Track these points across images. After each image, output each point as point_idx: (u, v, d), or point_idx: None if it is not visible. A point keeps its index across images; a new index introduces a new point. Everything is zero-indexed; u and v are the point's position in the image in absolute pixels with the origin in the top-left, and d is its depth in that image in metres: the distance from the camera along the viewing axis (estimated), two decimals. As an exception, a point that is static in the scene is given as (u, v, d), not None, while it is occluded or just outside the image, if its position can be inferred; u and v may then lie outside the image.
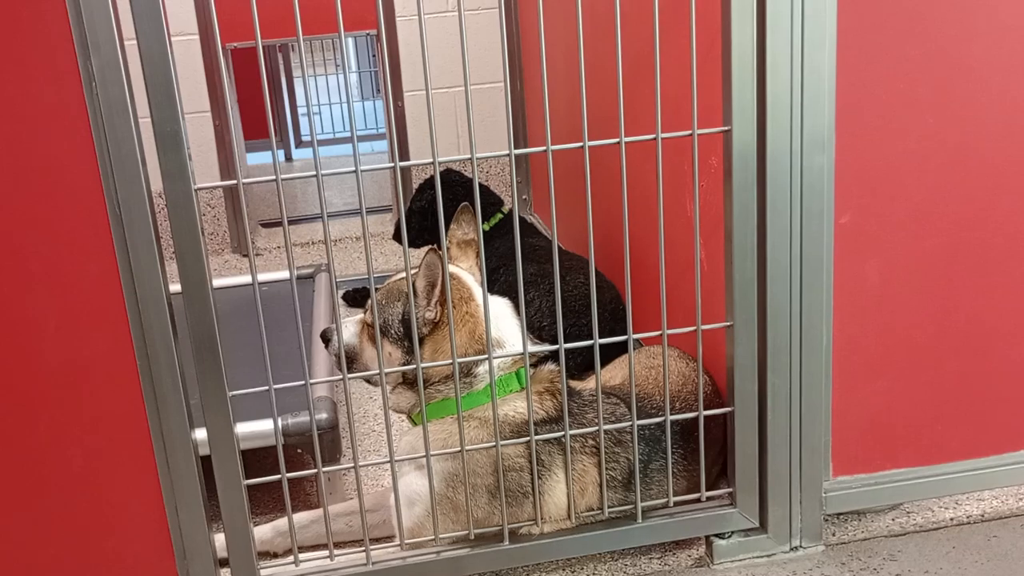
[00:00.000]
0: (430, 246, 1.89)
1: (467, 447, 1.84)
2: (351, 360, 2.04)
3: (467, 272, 2.04)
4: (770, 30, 1.69)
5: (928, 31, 1.80)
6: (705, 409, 1.91)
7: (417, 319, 1.89)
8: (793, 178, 1.78)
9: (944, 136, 1.85)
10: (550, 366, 1.99)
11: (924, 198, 1.88)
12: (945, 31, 1.80)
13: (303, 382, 1.75)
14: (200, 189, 1.61)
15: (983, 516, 2.09)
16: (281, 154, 6.63)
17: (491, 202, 3.36)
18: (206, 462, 1.77)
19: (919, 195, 1.88)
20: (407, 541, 1.91)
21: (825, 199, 1.81)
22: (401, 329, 1.94)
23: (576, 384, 2.09)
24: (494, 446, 1.85)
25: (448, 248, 2.08)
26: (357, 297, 3.53)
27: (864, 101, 1.80)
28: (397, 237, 3.65)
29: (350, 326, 2.06)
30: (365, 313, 2.05)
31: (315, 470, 1.83)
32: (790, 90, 1.73)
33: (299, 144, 6.79)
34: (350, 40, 7.07)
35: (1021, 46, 1.83)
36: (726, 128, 1.75)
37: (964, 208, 1.90)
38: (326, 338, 2.11)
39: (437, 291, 1.88)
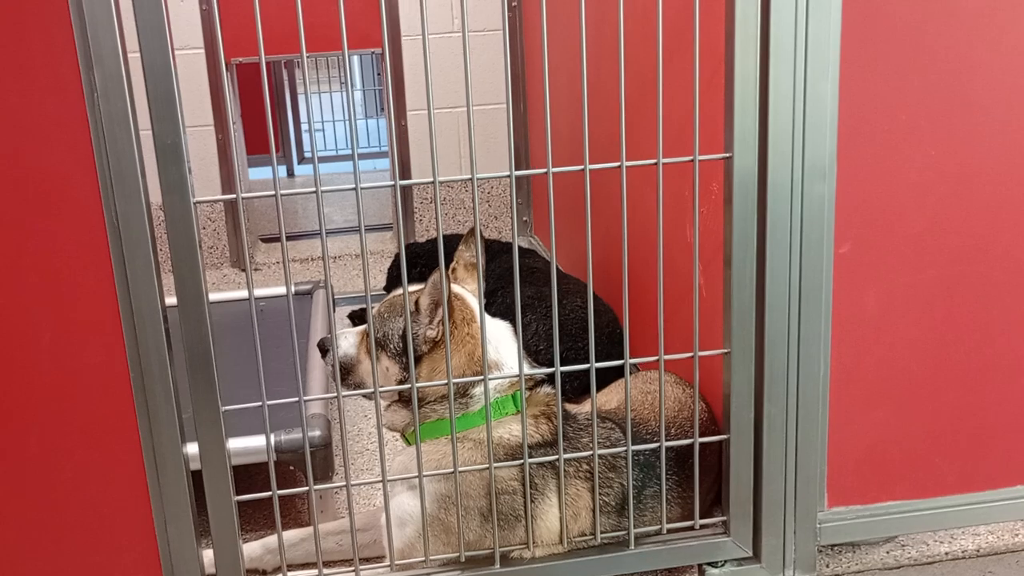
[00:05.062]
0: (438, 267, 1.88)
1: (460, 468, 1.83)
2: (347, 371, 2.03)
3: (472, 294, 2.03)
4: (773, 59, 1.70)
5: (930, 62, 1.80)
6: (701, 436, 1.90)
7: (418, 336, 1.88)
8: (793, 206, 1.78)
9: (945, 167, 1.85)
10: (546, 389, 1.98)
11: (924, 229, 1.88)
12: (947, 63, 1.81)
13: (297, 398, 1.74)
14: (199, 203, 1.61)
15: (978, 551, 2.08)
16: (284, 169, 6.64)
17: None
18: (197, 477, 1.76)
19: (919, 226, 1.88)
20: (397, 562, 1.90)
21: (825, 228, 1.81)
22: (400, 344, 1.93)
23: (572, 408, 2.08)
24: (487, 468, 1.84)
25: (454, 269, 2.08)
26: (364, 318, 3.51)
27: (866, 131, 1.80)
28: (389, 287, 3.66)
29: (350, 336, 2.05)
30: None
31: (306, 488, 1.82)
32: (792, 119, 1.73)
33: (302, 160, 6.80)
34: (355, 58, 7.10)
35: None
36: (727, 155, 1.75)
37: (964, 240, 1.89)
38: (323, 348, 2.10)
39: (440, 310, 1.87)
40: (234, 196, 1.66)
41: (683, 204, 1.97)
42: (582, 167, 1.71)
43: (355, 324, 3.55)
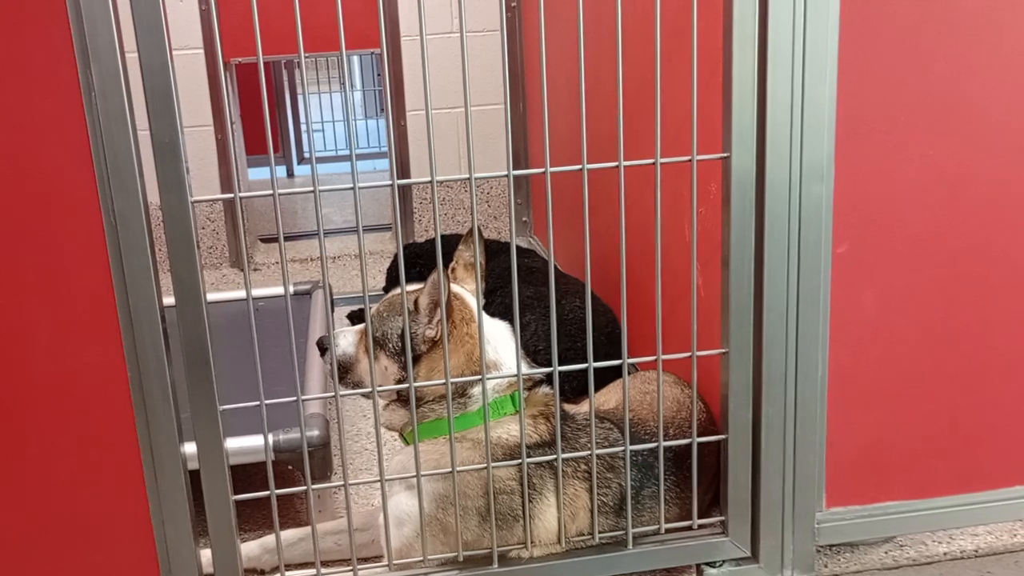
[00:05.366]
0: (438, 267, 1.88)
1: (458, 468, 1.83)
2: (346, 370, 2.02)
3: (471, 294, 2.03)
4: (771, 59, 1.70)
5: (929, 63, 1.80)
6: (699, 436, 1.90)
7: (417, 336, 1.88)
8: (791, 207, 1.78)
9: (943, 168, 1.85)
10: (545, 389, 1.98)
11: (922, 229, 1.88)
12: (946, 63, 1.81)
13: (295, 398, 1.74)
14: (197, 202, 1.61)
15: (976, 552, 2.08)
16: (283, 170, 6.64)
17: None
18: (195, 476, 1.76)
19: (917, 226, 1.88)
20: (395, 562, 1.89)
21: (823, 228, 1.81)
22: (399, 343, 1.93)
23: (570, 408, 2.08)
24: (486, 468, 1.84)
25: (454, 269, 2.08)
26: (363, 317, 3.50)
27: (863, 132, 1.81)
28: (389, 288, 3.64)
29: (348, 335, 2.05)
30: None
31: (305, 487, 1.82)
32: (790, 119, 1.73)
33: (301, 160, 6.80)
34: (355, 58, 7.10)
35: (1022, 79, 1.83)
36: (725, 155, 1.75)
37: (962, 240, 1.89)
38: (322, 347, 2.09)
39: (439, 310, 1.87)
40: (232, 195, 1.66)
41: (681, 204, 1.97)
42: (580, 167, 1.71)
43: (354, 324, 3.54)
